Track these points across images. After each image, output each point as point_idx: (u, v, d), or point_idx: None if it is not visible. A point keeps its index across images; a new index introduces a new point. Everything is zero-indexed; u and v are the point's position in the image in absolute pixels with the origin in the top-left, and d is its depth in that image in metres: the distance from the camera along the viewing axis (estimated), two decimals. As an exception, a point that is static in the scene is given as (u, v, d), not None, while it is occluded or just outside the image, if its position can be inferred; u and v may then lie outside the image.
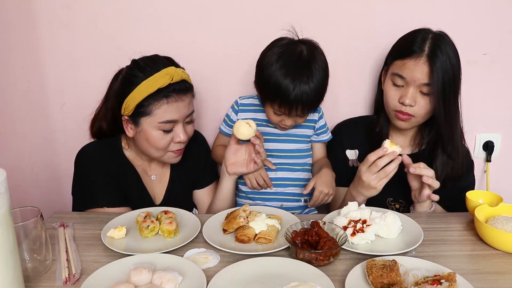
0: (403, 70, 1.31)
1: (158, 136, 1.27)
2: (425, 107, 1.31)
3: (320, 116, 1.51)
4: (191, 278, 0.92)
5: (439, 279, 0.87)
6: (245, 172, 1.40)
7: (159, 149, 1.30)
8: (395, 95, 1.34)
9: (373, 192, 1.26)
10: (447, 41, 1.30)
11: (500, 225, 1.09)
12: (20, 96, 1.68)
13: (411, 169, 1.22)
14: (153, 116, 1.24)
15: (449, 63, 1.27)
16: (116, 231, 1.10)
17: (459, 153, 1.37)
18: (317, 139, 1.52)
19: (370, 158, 1.22)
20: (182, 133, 1.29)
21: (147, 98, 1.22)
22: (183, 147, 1.34)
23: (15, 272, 0.82)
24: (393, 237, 1.11)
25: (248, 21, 1.44)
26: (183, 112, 1.28)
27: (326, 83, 1.34)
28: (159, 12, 1.59)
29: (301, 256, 1.00)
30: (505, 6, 1.59)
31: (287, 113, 1.32)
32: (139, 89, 1.22)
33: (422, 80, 1.28)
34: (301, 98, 1.27)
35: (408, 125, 1.37)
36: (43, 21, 1.60)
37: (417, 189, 1.28)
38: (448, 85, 1.27)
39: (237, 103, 1.52)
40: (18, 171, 1.41)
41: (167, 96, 1.23)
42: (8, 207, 0.80)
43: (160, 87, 1.22)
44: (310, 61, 1.29)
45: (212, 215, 1.23)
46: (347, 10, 1.59)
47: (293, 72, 1.26)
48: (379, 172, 1.21)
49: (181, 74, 1.27)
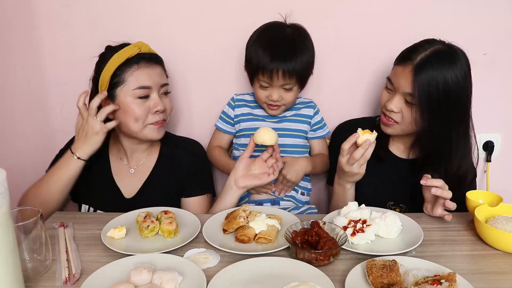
0: (393, 75, 1.31)
1: (134, 104, 1.29)
2: (408, 117, 1.28)
3: (315, 112, 1.52)
4: (191, 278, 0.92)
5: (439, 279, 0.87)
6: (259, 184, 1.33)
7: (137, 119, 1.31)
8: (384, 98, 1.35)
9: (358, 177, 1.28)
10: (450, 59, 1.23)
11: (500, 225, 1.09)
12: (20, 96, 1.68)
13: (422, 181, 1.20)
14: (126, 84, 1.29)
15: (443, 81, 1.21)
16: (116, 231, 1.10)
17: (450, 173, 1.31)
18: (313, 135, 1.53)
19: (344, 147, 1.23)
20: (158, 101, 1.31)
21: (118, 67, 1.28)
22: (163, 118, 1.34)
23: (15, 272, 0.82)
24: (393, 237, 1.11)
25: (247, 21, 1.44)
26: (155, 80, 1.31)
27: (308, 52, 1.38)
28: (158, 12, 1.60)
29: (301, 256, 1.00)
30: (505, 6, 1.59)
31: (270, 81, 1.35)
32: (110, 62, 1.30)
33: (405, 89, 1.25)
34: (280, 58, 1.31)
35: (392, 131, 1.35)
36: (43, 21, 1.61)
37: (430, 202, 1.26)
38: (437, 102, 1.22)
39: (233, 99, 1.55)
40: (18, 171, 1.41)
41: (137, 63, 1.29)
42: (8, 207, 0.80)
43: (129, 56, 1.29)
44: (292, 33, 1.38)
45: (212, 215, 1.23)
46: (347, 10, 1.59)
47: (274, 39, 1.36)
48: (359, 160, 1.22)
49: (149, 47, 1.35)
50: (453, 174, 1.31)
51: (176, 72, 1.63)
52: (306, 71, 1.39)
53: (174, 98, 1.65)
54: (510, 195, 1.31)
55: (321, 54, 1.51)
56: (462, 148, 1.31)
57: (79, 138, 1.29)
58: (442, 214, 1.20)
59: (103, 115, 1.26)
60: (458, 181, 1.30)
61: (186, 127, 1.74)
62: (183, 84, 1.68)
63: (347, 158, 1.23)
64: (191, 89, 1.70)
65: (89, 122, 1.26)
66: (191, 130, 1.73)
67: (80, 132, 1.29)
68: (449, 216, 1.19)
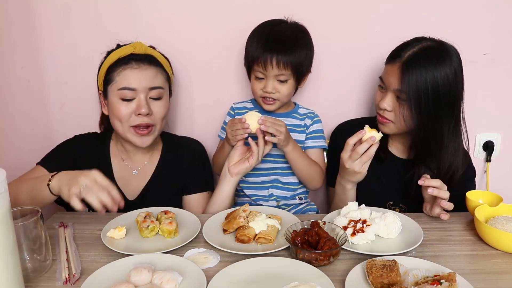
0: (384, 74, 1.33)
1: (119, 105, 1.29)
2: (401, 115, 1.28)
3: (314, 122, 1.50)
4: (191, 278, 0.92)
5: (439, 279, 0.87)
6: (248, 168, 1.33)
7: (121, 120, 1.30)
8: (378, 98, 1.36)
9: (359, 177, 1.26)
10: (439, 55, 1.23)
11: (500, 225, 1.09)
12: (20, 96, 1.68)
13: (420, 182, 1.20)
14: (114, 83, 1.29)
15: (431, 78, 1.21)
16: (116, 231, 1.10)
17: (442, 170, 1.31)
18: (308, 144, 1.50)
19: (350, 141, 1.22)
20: (143, 105, 1.28)
21: (110, 66, 1.30)
22: (146, 122, 1.29)
23: (15, 272, 0.82)
24: (393, 237, 1.11)
25: (249, 24, 1.44)
26: (143, 82, 1.29)
27: (305, 46, 1.39)
28: (159, 13, 1.60)
29: (301, 256, 1.00)
30: (505, 6, 1.59)
31: (264, 70, 1.35)
32: (105, 61, 1.33)
33: (395, 86, 1.26)
34: (275, 48, 1.32)
35: (388, 130, 1.35)
36: (43, 21, 1.61)
37: (429, 202, 1.26)
38: (426, 99, 1.22)
39: (232, 108, 1.56)
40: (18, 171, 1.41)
41: (127, 63, 1.29)
42: (8, 207, 0.80)
43: (121, 56, 1.30)
44: (289, 27, 1.40)
45: (212, 215, 1.23)
46: (347, 11, 1.59)
47: (270, 31, 1.37)
48: (362, 157, 1.21)
49: (145, 48, 1.34)
50: (445, 172, 1.31)
51: (176, 72, 1.63)
52: (302, 64, 1.38)
53: (175, 98, 1.65)
54: (510, 195, 1.31)
55: (320, 54, 1.51)
56: (452, 144, 1.31)
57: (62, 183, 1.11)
58: (439, 213, 1.21)
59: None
60: (450, 178, 1.31)
61: (186, 127, 1.74)
62: (183, 84, 1.68)
63: (350, 153, 1.23)
64: (191, 89, 1.70)
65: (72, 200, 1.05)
66: (192, 130, 1.73)
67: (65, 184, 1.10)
68: (446, 216, 1.20)
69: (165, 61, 1.40)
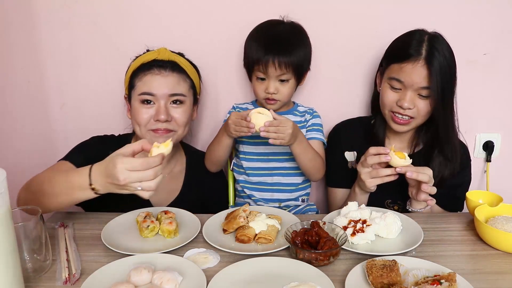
0: (401, 74, 1.30)
1: (139, 109, 1.30)
2: (424, 109, 1.31)
3: (314, 116, 1.51)
4: (191, 278, 0.92)
5: (439, 279, 0.87)
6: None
7: (140, 124, 1.31)
8: (393, 98, 1.34)
9: (363, 186, 1.27)
10: (442, 41, 1.29)
11: (500, 225, 1.09)
12: (20, 96, 1.68)
13: (408, 174, 1.20)
14: (136, 88, 1.31)
15: (446, 64, 1.26)
16: (162, 146, 0.99)
17: (457, 154, 1.37)
18: (308, 136, 1.48)
19: (371, 151, 1.23)
20: (162, 111, 1.29)
21: (134, 71, 1.32)
22: (165, 127, 1.30)
23: (15, 272, 0.82)
24: (393, 237, 1.11)
25: (248, 24, 1.45)
26: (163, 88, 1.29)
27: (304, 45, 1.40)
28: (159, 13, 1.59)
29: (301, 256, 1.00)
30: (505, 6, 1.59)
31: (266, 71, 1.35)
32: (131, 66, 1.35)
33: (421, 84, 1.27)
34: (275, 49, 1.32)
35: (407, 128, 1.36)
36: (43, 21, 1.61)
37: (414, 186, 1.27)
38: (446, 86, 1.27)
39: (234, 108, 1.55)
40: (18, 171, 1.41)
41: (149, 69, 1.31)
42: (8, 207, 0.80)
43: (144, 62, 1.32)
44: (287, 27, 1.41)
45: (212, 215, 1.23)
46: (346, 10, 1.59)
47: (269, 33, 1.39)
48: (372, 171, 1.23)
49: (169, 54, 1.34)
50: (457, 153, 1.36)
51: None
52: (302, 63, 1.39)
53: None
54: (510, 195, 1.31)
55: (320, 53, 1.51)
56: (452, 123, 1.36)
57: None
58: (425, 198, 1.22)
59: None
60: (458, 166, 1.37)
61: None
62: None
63: (365, 159, 1.25)
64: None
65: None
66: (192, 130, 1.73)
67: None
68: (432, 201, 1.22)
69: (191, 68, 1.39)
